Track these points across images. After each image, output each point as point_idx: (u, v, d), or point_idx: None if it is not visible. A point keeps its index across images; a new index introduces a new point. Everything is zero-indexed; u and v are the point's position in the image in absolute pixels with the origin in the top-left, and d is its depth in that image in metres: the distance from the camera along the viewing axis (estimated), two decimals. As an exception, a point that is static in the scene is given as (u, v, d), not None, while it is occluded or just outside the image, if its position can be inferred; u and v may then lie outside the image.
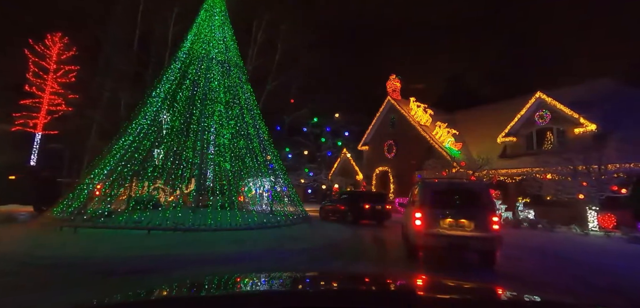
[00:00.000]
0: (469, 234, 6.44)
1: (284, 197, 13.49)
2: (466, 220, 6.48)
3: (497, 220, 6.56)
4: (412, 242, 7.01)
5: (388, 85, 29.30)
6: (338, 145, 34.57)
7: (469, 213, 6.54)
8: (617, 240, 11.40)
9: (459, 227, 6.49)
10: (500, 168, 19.79)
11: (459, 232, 6.47)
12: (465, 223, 6.48)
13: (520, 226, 14.66)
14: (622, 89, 18.97)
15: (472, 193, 7.13)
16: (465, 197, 6.99)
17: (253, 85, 21.15)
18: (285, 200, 13.48)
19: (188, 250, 7.22)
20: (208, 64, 14.07)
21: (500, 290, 1.99)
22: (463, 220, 6.49)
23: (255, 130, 14.04)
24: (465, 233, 6.46)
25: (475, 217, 6.51)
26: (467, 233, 6.45)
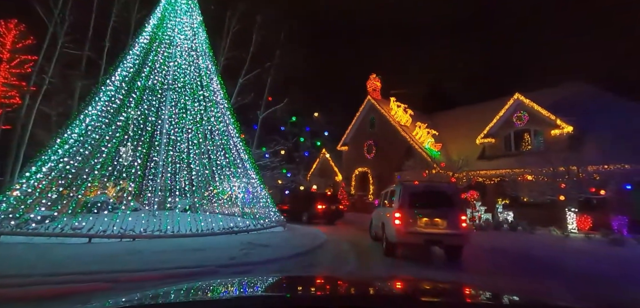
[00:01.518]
0: (442, 232, 7.27)
1: (257, 199, 12.35)
2: (440, 219, 7.29)
3: (465, 219, 7.52)
4: (391, 240, 7.62)
5: (368, 85, 28.79)
6: (317, 145, 33.68)
7: (442, 213, 7.33)
8: (596, 243, 11.18)
9: (434, 226, 7.29)
10: (479, 169, 19.62)
11: (434, 230, 7.27)
12: (439, 222, 7.29)
13: (501, 228, 14.31)
14: (595, 92, 19.35)
15: (445, 195, 7.87)
16: (438, 199, 7.70)
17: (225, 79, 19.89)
18: (257, 203, 12.35)
19: (131, 263, 5.99)
20: (172, 50, 12.70)
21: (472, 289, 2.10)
22: (437, 219, 7.29)
23: (225, 125, 12.81)
24: (439, 231, 7.27)
25: (447, 216, 7.31)
26: (440, 231, 7.27)
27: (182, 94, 12.13)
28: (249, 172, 12.81)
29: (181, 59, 12.87)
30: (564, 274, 6.77)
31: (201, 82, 12.92)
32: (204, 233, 8.77)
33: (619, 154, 12.72)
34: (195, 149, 12.02)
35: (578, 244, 10.86)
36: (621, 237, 10.76)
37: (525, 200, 17.98)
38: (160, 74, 12.23)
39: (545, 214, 16.12)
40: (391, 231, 7.58)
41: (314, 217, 14.86)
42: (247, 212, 11.81)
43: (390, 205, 8.31)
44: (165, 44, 12.79)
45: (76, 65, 17.06)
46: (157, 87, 11.82)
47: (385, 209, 8.78)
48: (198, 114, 11.98)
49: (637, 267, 7.94)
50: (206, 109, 12.38)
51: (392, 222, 7.52)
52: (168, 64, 12.43)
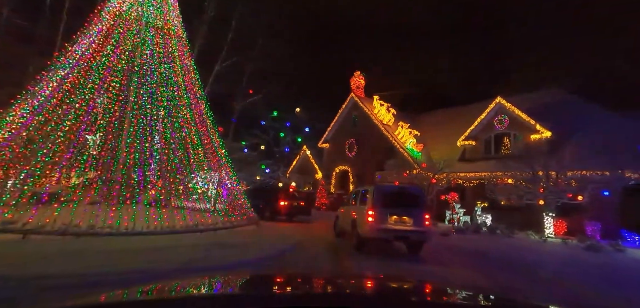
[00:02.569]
0: (408, 229, 8.07)
1: (229, 194, 11.44)
2: (407, 217, 8.08)
3: (429, 218, 8.43)
4: (363, 235, 8.36)
5: (352, 82, 28.31)
6: (298, 141, 32.85)
7: (409, 212, 8.14)
8: (573, 248, 11.13)
9: (402, 223, 8.07)
10: (459, 171, 19.53)
11: (402, 226, 8.06)
12: (407, 219, 8.08)
13: (480, 231, 14.13)
14: (573, 99, 19.71)
15: (412, 196, 8.79)
16: (406, 199, 8.56)
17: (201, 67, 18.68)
18: (230, 199, 11.44)
19: (61, 265, 5.02)
20: (139, 28, 11.55)
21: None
22: (405, 217, 8.08)
23: (197, 114, 11.80)
24: (406, 228, 8.07)
25: (413, 215, 8.11)
26: (407, 228, 8.07)
27: (149, 76, 11.01)
28: (222, 166, 11.88)
29: (149, 39, 11.74)
30: (550, 284, 6.39)
31: (171, 66, 11.85)
32: (163, 231, 7.82)
33: (595, 161, 12.79)
34: (163, 138, 10.96)
35: (556, 249, 10.75)
36: (598, 243, 10.72)
37: (503, 203, 18.07)
38: (124, 53, 11.07)
39: (523, 218, 16.16)
40: (364, 227, 8.30)
41: (277, 213, 14.44)
42: (218, 209, 10.88)
43: (362, 204, 8.92)
44: (130, 20, 11.64)
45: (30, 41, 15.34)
46: (120, 68, 10.65)
47: (356, 207, 9.37)
48: (166, 99, 10.90)
49: (613, 275, 7.74)
50: (176, 95, 11.32)
51: (365, 218, 8.24)
52: (133, 43, 11.27)
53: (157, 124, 10.53)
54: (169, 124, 10.55)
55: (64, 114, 9.30)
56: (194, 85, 12.62)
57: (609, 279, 7.09)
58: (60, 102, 9.51)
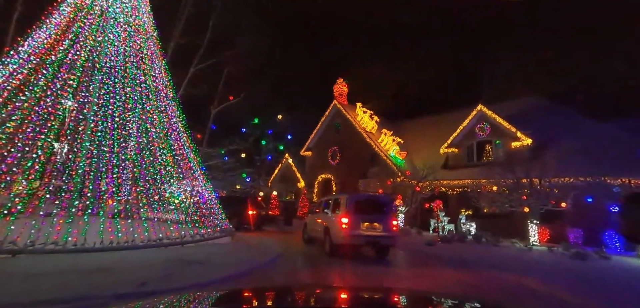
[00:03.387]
0: (379, 234, 8.74)
1: (202, 204, 10.51)
2: (377, 223, 8.75)
3: (396, 224, 9.40)
4: (337, 241, 8.84)
5: (335, 89, 27.91)
6: (280, 149, 31.99)
7: (379, 218, 8.83)
8: (559, 256, 10.92)
9: (373, 229, 8.71)
10: (442, 179, 19.34)
11: (373, 232, 8.71)
12: (377, 225, 8.74)
13: (465, 240, 13.80)
14: (551, 105, 20.05)
15: (381, 203, 9.60)
16: (376, 206, 9.29)
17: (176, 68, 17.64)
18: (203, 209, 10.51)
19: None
20: (102, 23, 10.59)
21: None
22: (375, 223, 8.74)
23: (167, 117, 10.87)
24: (376, 233, 8.73)
25: (383, 221, 8.83)
26: (377, 233, 8.73)
27: (112, 75, 10.03)
28: (194, 173, 10.95)
29: (114, 35, 10.78)
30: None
31: (139, 65, 10.91)
32: (120, 247, 6.85)
33: (577, 168, 12.79)
34: (127, 142, 9.94)
35: (543, 258, 10.49)
36: (583, 251, 10.55)
37: (485, 210, 17.97)
38: (85, 49, 10.06)
39: (507, 225, 16.03)
40: (338, 233, 8.78)
41: (244, 222, 14.24)
42: (188, 220, 9.93)
43: (335, 212, 9.33)
44: (94, 14, 10.66)
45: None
46: (79, 65, 9.62)
47: (328, 215, 9.73)
48: (132, 101, 9.94)
49: (603, 285, 7.44)
50: (143, 96, 10.38)
51: (338, 225, 8.74)
52: (96, 39, 10.29)
53: (121, 127, 9.52)
54: (135, 128, 9.57)
55: (9, 115, 8.20)
56: (166, 87, 11.73)
57: (600, 290, 6.76)
58: (6, 100, 8.39)
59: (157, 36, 12.35)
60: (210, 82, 18.47)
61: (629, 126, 16.14)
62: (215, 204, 10.83)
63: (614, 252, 11.98)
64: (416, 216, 20.08)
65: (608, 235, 13.03)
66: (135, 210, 8.79)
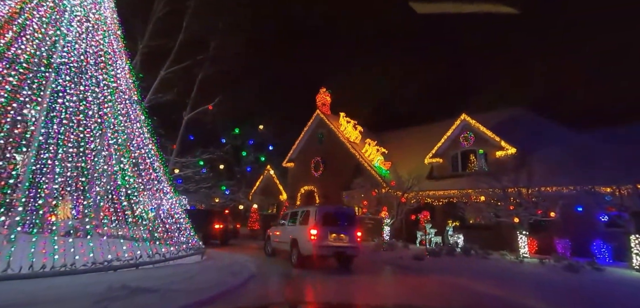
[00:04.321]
0: (345, 245, 9.08)
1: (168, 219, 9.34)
2: (344, 235, 9.11)
3: (361, 235, 9.73)
4: (306, 252, 9.07)
5: (318, 99, 27.28)
6: (261, 160, 30.88)
7: (345, 229, 9.20)
8: (551, 268, 10.44)
9: (339, 240, 9.03)
10: (428, 189, 18.86)
11: (339, 243, 9.03)
12: (343, 237, 9.09)
13: (454, 253, 13.16)
14: (532, 116, 20.17)
15: (347, 215, 9.94)
16: (342, 218, 9.59)
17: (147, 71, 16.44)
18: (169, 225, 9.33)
19: None
20: (56, 16, 9.44)
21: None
22: (342, 235, 9.09)
23: (129, 121, 9.73)
24: (343, 244, 9.06)
25: (349, 232, 9.21)
26: (344, 244, 9.06)
27: (64, 74, 8.85)
28: (159, 185, 9.80)
29: (69, 30, 9.63)
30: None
31: (98, 64, 9.78)
32: (54, 273, 5.65)
33: (565, 177, 12.53)
34: (79, 149, 8.71)
35: (537, 271, 9.97)
36: (576, 263, 10.10)
37: (471, 221, 17.56)
38: (31, 44, 8.86)
39: (494, 236, 15.61)
40: (306, 245, 8.99)
41: (210, 237, 13.56)
42: (147, 237, 8.73)
43: (303, 224, 9.50)
44: (45, 6, 9.51)
45: None
46: (23, 61, 8.41)
47: (295, 227, 9.92)
48: (85, 103, 8.77)
49: (602, 301, 6.88)
50: (100, 97, 9.22)
51: (307, 237, 8.96)
52: (46, 32, 9.12)
53: (71, 131, 8.31)
54: (87, 132, 8.38)
55: None
56: (129, 89, 10.60)
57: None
58: None
59: (121, 34, 11.29)
60: (186, 87, 17.32)
61: (608, 136, 16.23)
62: (182, 219, 9.67)
63: (604, 262, 11.65)
64: (402, 228, 19.43)
65: (596, 245, 12.77)
66: (83, 227, 7.54)
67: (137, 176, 9.22)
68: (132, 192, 9.03)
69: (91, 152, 8.17)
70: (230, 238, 15.23)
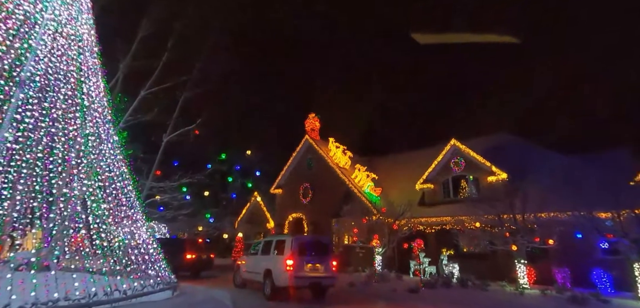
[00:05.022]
0: (321, 275, 9.00)
1: (134, 250, 8.34)
2: (319, 264, 9.02)
3: (336, 264, 9.47)
4: (281, 283, 8.81)
5: (307, 124, 26.91)
6: (248, 186, 29.86)
7: (321, 259, 9.09)
8: (555, 300, 9.80)
9: (315, 270, 8.94)
10: (420, 216, 18.25)
11: (315, 273, 8.92)
12: (319, 266, 9.00)
13: (450, 284, 12.38)
14: (520, 141, 20.16)
15: (322, 245, 9.80)
16: (318, 248, 9.45)
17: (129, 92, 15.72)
18: (135, 256, 8.32)
19: None
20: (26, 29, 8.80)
21: None
22: (318, 265, 8.99)
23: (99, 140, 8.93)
24: (319, 274, 8.97)
25: (324, 262, 9.11)
26: (320, 274, 8.98)
27: (27, 89, 8.10)
28: (130, 211, 8.87)
29: (39, 44, 8.97)
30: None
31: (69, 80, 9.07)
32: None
33: (561, 202, 12.15)
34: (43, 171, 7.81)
35: (541, 304, 9.26)
36: (580, 294, 9.49)
37: (465, 250, 16.91)
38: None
39: (491, 265, 14.95)
40: (281, 275, 8.76)
41: (181, 268, 12.58)
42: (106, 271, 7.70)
43: (277, 254, 9.30)
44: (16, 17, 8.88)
45: None
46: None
47: (268, 257, 9.64)
48: (47, 119, 7.96)
49: None
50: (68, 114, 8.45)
51: (283, 267, 8.72)
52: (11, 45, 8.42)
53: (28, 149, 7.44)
54: (46, 152, 7.53)
55: None
56: (104, 108, 9.86)
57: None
58: None
59: (98, 51, 10.68)
60: (170, 109, 16.52)
61: (596, 160, 16.19)
62: (153, 249, 8.68)
63: (606, 292, 11.08)
64: (394, 258, 18.58)
65: (596, 274, 12.24)
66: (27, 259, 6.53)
67: (104, 201, 8.30)
68: (94, 219, 8.10)
69: (48, 174, 7.26)
70: (204, 269, 14.25)
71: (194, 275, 13.48)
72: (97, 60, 10.43)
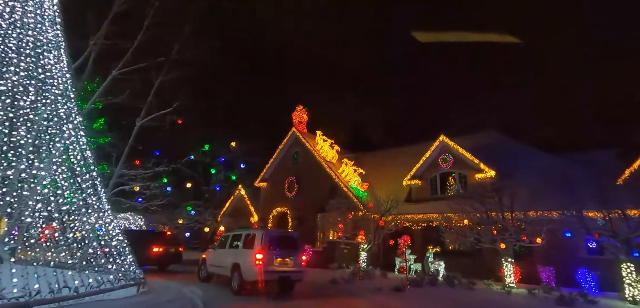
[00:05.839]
0: (290, 269, 9.21)
1: (94, 242, 7.51)
2: (289, 259, 9.21)
3: (305, 259, 10.53)
4: (249, 278, 8.83)
5: (294, 116, 26.18)
6: (232, 179, 28.89)
7: (291, 254, 9.29)
8: (543, 301, 9.54)
9: (285, 264, 9.13)
10: (406, 213, 17.91)
11: (284, 268, 9.12)
12: (288, 261, 9.20)
13: (437, 283, 12.00)
14: (508, 140, 20.09)
15: (292, 239, 9.93)
16: (287, 242, 9.57)
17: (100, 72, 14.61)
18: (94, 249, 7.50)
19: None
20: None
21: None
22: (287, 259, 9.19)
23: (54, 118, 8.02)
24: (288, 269, 9.18)
25: (294, 256, 9.33)
26: (289, 269, 9.19)
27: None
28: (93, 199, 8.01)
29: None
30: None
31: (22, 51, 8.10)
32: None
33: (549, 200, 11.92)
34: None
35: (530, 304, 8.94)
36: (568, 294, 9.24)
37: (450, 247, 16.67)
38: None
39: (477, 264, 14.73)
40: (250, 270, 8.70)
41: (147, 262, 12.09)
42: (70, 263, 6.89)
43: (247, 247, 9.20)
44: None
45: None
46: None
47: (237, 251, 9.49)
48: None
49: None
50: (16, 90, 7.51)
51: (252, 261, 8.67)
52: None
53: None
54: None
55: None
56: (64, 87, 8.91)
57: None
58: None
59: (61, 23, 9.67)
60: (146, 95, 15.26)
61: (582, 161, 16.15)
62: (118, 242, 7.87)
63: (590, 292, 10.91)
64: (379, 254, 18.18)
65: (581, 274, 12.12)
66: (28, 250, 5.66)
67: (63, 188, 7.43)
68: (53, 207, 7.24)
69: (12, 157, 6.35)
70: (171, 263, 13.66)
71: (161, 269, 12.95)
72: (59, 33, 9.44)
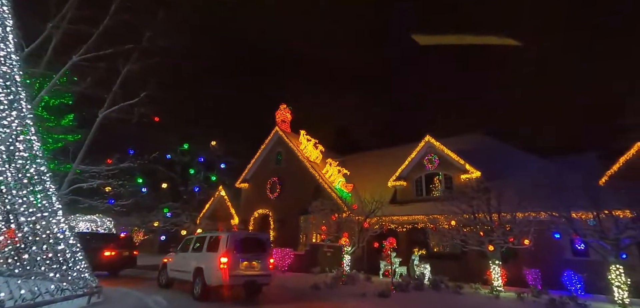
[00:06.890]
0: (257, 273, 8.79)
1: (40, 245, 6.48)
2: (256, 262, 8.81)
3: (273, 262, 10.58)
4: (213, 283, 8.40)
5: (277, 115, 25.36)
6: (212, 180, 27.68)
7: (258, 257, 8.92)
8: (532, 305, 9.14)
9: (251, 268, 8.73)
10: (391, 214, 17.44)
11: (251, 271, 8.69)
12: (255, 264, 8.80)
13: (423, 287, 11.48)
14: (493, 141, 20.02)
15: (259, 241, 9.52)
16: (256, 245, 9.26)
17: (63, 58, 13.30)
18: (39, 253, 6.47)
19: None
20: None
21: None
22: (254, 262, 8.79)
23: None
24: (255, 273, 8.75)
25: (261, 259, 8.96)
26: (256, 273, 8.77)
27: None
28: (31, 198, 6.97)
29: None
30: None
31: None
32: None
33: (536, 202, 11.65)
34: None
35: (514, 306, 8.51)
36: (558, 298, 8.92)
37: (435, 250, 16.31)
38: None
39: (463, 267, 14.39)
40: (214, 274, 8.28)
41: (98, 267, 11.40)
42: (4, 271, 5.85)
43: (210, 251, 8.78)
44: None
45: None
46: None
47: (200, 254, 9.06)
48: None
49: None
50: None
51: (216, 265, 8.25)
52: None
53: None
54: None
55: None
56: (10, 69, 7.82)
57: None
58: None
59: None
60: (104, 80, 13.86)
61: (565, 163, 16.19)
62: (66, 245, 6.85)
63: (577, 294, 10.66)
64: (363, 257, 17.61)
65: (567, 276, 11.91)
66: None
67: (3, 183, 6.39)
68: None
69: None
70: (124, 268, 12.97)
71: (112, 275, 12.26)
72: (5, 9, 8.33)
